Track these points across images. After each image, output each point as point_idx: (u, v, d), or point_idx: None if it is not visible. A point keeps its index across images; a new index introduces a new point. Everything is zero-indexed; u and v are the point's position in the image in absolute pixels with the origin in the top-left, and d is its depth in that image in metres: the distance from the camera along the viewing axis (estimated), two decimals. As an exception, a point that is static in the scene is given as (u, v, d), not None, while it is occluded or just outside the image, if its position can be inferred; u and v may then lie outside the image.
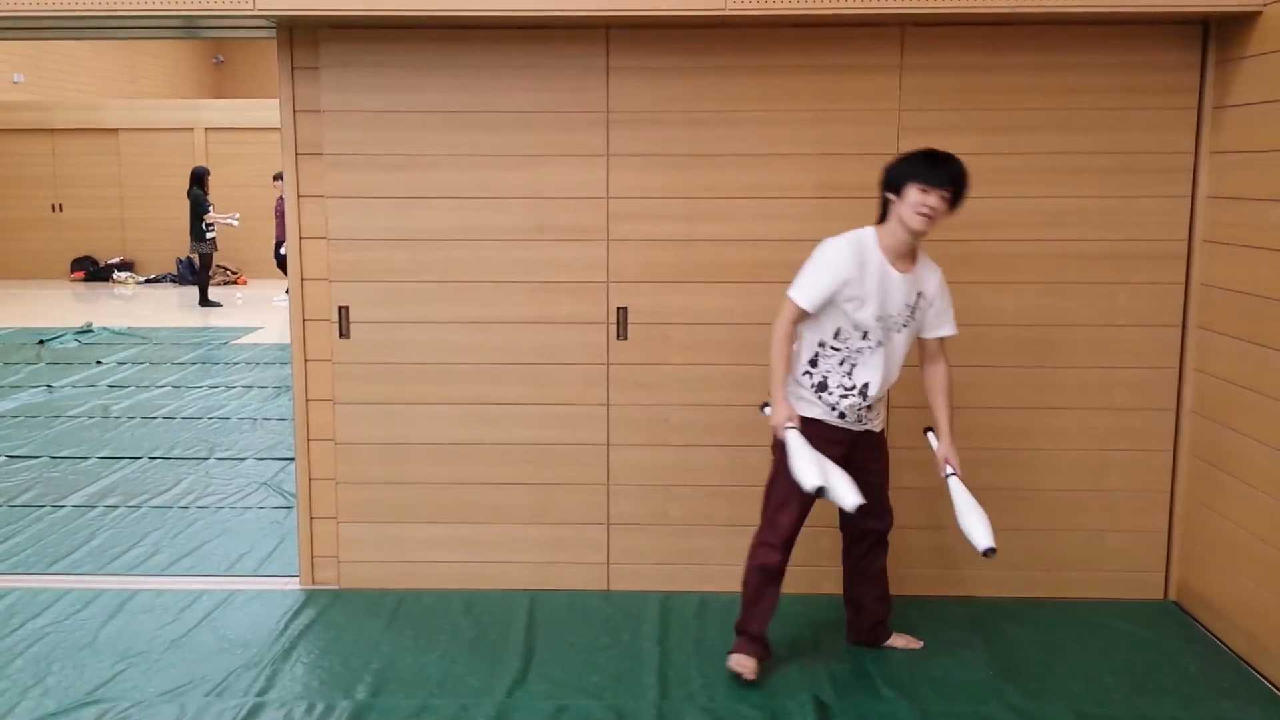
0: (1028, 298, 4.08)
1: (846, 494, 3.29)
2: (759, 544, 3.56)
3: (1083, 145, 3.98)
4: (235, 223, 14.43)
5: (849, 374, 3.41)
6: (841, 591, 3.84)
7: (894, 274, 3.35)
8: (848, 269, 3.31)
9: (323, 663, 3.72)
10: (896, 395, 4.12)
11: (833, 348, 3.42)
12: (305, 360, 4.21)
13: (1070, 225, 4.03)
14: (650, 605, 4.15)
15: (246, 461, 6.45)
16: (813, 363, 3.45)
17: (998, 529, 4.18)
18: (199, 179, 14.11)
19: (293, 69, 4.04)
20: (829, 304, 3.37)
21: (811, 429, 3.43)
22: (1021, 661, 3.72)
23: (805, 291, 3.38)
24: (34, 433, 7.21)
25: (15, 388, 8.73)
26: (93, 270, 16.75)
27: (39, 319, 12.62)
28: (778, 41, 3.96)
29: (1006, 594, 4.22)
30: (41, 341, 10.94)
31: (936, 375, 3.55)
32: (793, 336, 3.44)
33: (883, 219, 3.37)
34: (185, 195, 14.14)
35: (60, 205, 16.92)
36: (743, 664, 3.55)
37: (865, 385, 3.42)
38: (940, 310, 3.48)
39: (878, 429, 3.59)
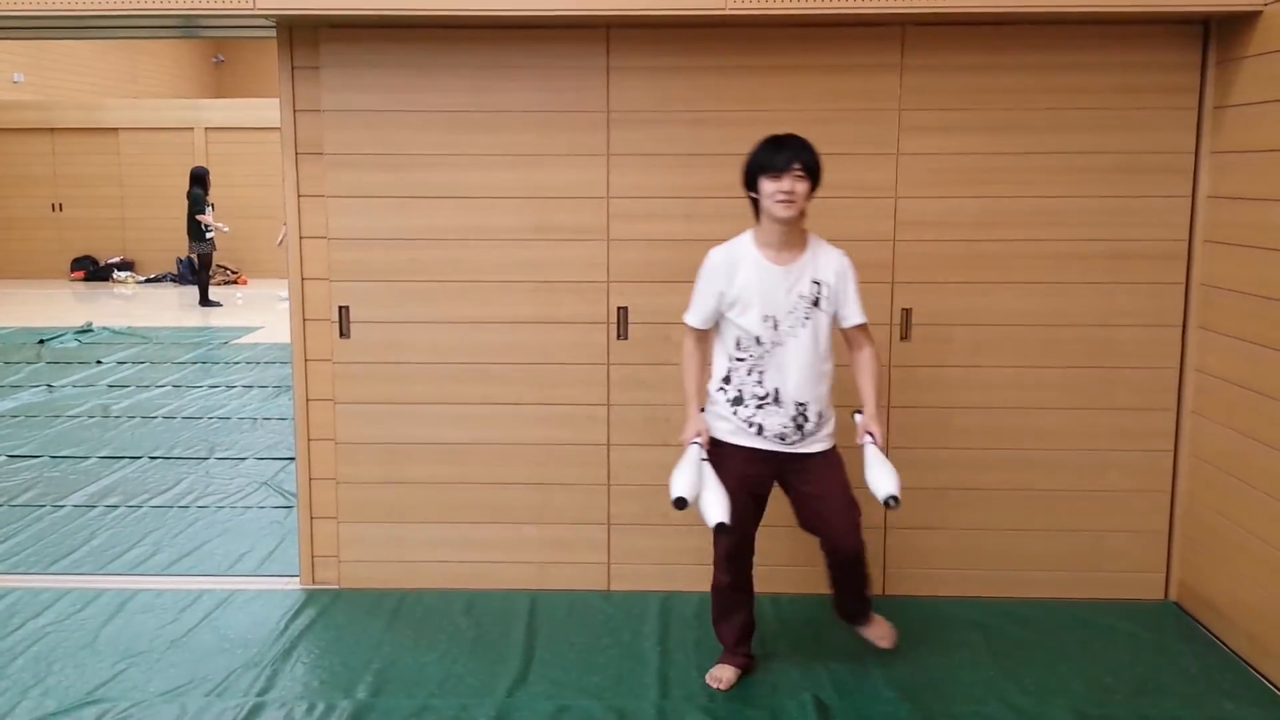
0: (1028, 297, 4.07)
1: (710, 510, 3.16)
2: (713, 565, 3.54)
3: (1083, 145, 3.98)
4: (225, 229, 14.44)
5: (759, 382, 3.30)
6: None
7: (773, 268, 3.26)
8: (719, 279, 3.29)
9: (323, 662, 3.72)
10: (895, 395, 4.13)
11: (738, 359, 3.32)
12: (305, 360, 4.21)
13: (1071, 225, 4.03)
14: (651, 605, 4.15)
15: (247, 461, 6.45)
16: (726, 379, 3.36)
17: (999, 529, 4.21)
18: (199, 179, 14.11)
19: (293, 69, 4.04)
20: (721, 316, 3.33)
21: (729, 452, 3.36)
22: (1022, 662, 3.72)
23: (690, 311, 3.38)
24: (34, 432, 7.22)
25: (15, 387, 8.73)
26: (93, 270, 16.77)
27: (39, 318, 12.62)
28: (778, 41, 3.96)
29: (1007, 594, 4.21)
30: (42, 341, 10.95)
31: (859, 361, 3.43)
32: (698, 355, 3.41)
33: (758, 218, 3.31)
34: (185, 195, 14.14)
35: (60, 205, 16.94)
36: (716, 675, 3.55)
37: (776, 391, 3.30)
38: (844, 298, 3.33)
39: (813, 449, 3.38)
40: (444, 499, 4.27)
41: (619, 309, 4.13)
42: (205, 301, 14.02)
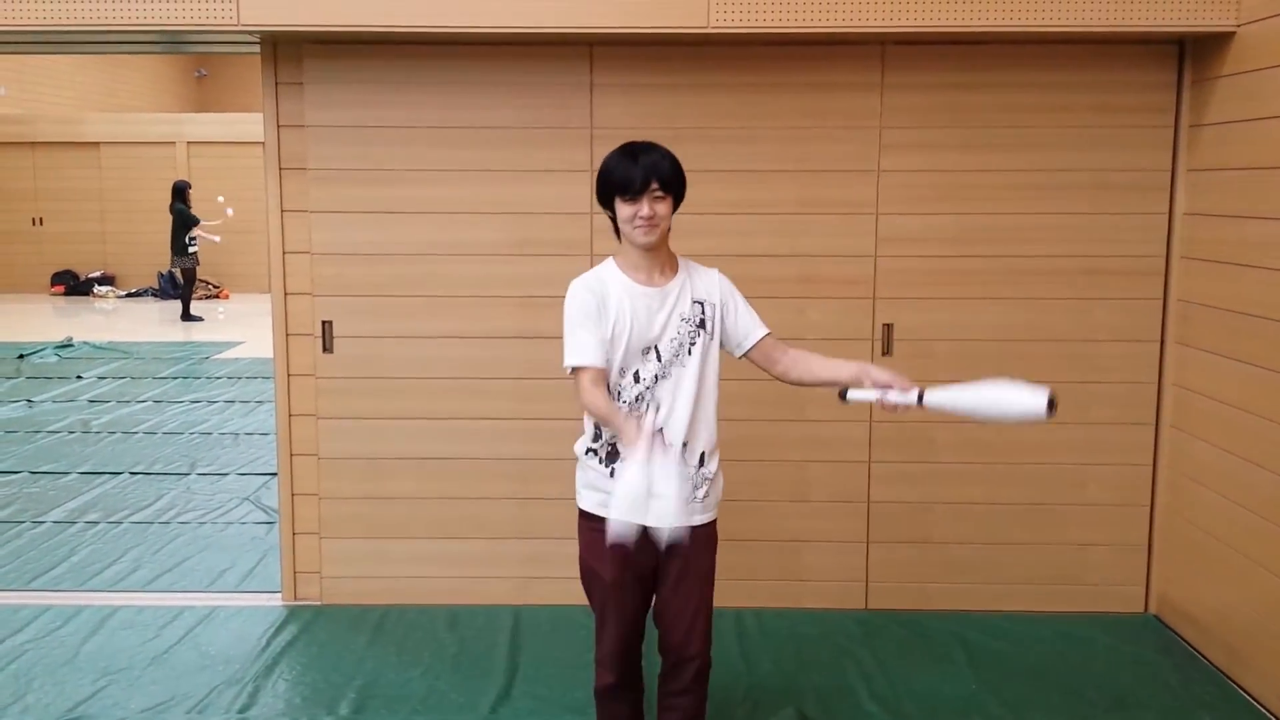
0: (1009, 313, 4.11)
1: (664, 519, 2.48)
2: (595, 660, 2.99)
3: (1062, 163, 4.03)
4: (217, 240, 14.39)
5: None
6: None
7: (648, 290, 2.77)
8: (592, 304, 2.75)
9: (305, 679, 3.70)
10: (877, 410, 4.14)
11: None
12: (288, 375, 4.20)
13: (1050, 241, 4.07)
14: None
15: (228, 477, 6.42)
16: (596, 436, 2.81)
17: (980, 543, 4.23)
18: (180, 193, 14.05)
19: (276, 84, 4.05)
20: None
21: (603, 528, 2.65)
22: (1003, 675, 3.74)
23: (573, 351, 2.75)
24: (14, 448, 7.16)
25: (-6, 402, 8.68)
26: (73, 284, 16.67)
27: (18, 333, 12.54)
28: (759, 59, 3.99)
29: (989, 608, 4.23)
30: (21, 356, 10.87)
31: (798, 358, 2.86)
32: (603, 387, 2.73)
33: (620, 238, 2.82)
34: (166, 209, 14.08)
35: (41, 219, 16.85)
36: None
37: (659, 432, 2.70)
38: (739, 314, 2.84)
39: (700, 520, 2.80)
40: (427, 514, 4.26)
41: (602, 324, 4.13)
42: (187, 316, 13.96)
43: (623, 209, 2.74)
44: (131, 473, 6.50)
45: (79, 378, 9.78)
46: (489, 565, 4.28)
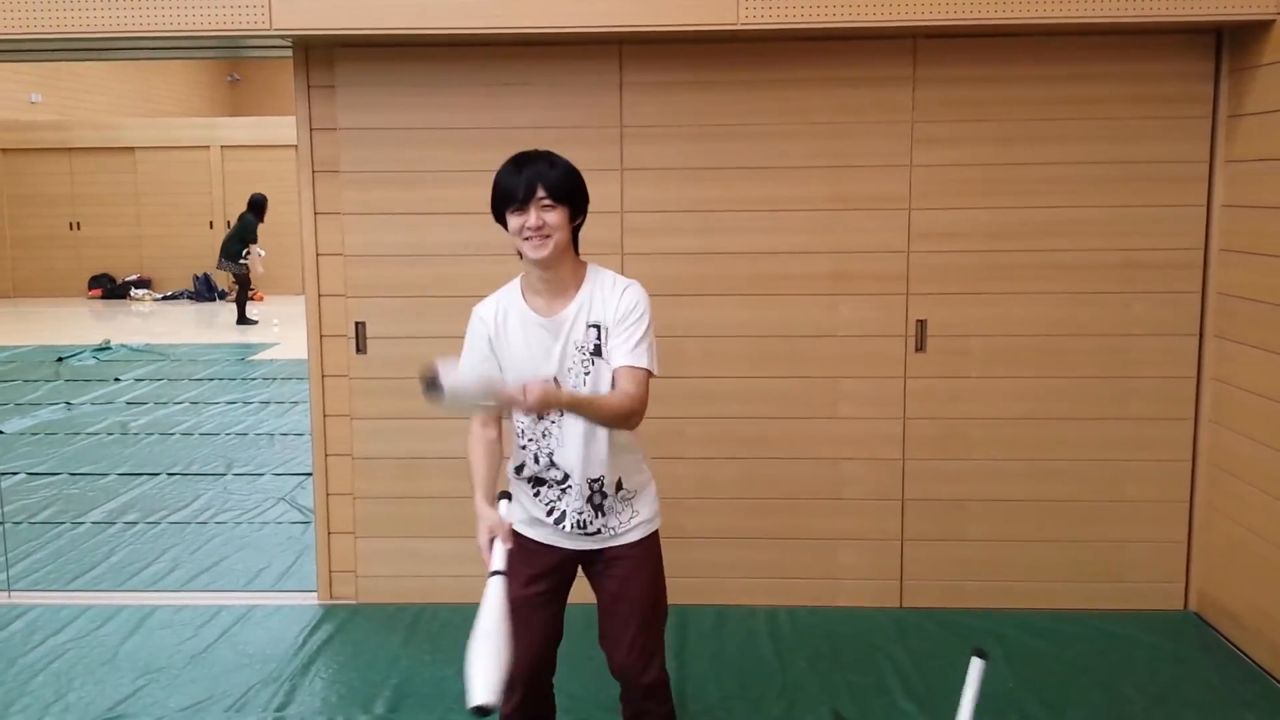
0: (1044, 308, 4.07)
1: (476, 681, 2.24)
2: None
3: (1097, 155, 3.98)
4: (261, 253, 14.34)
5: (551, 464, 2.61)
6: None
7: (541, 322, 2.56)
8: (483, 341, 2.62)
9: (341, 678, 3.73)
10: (911, 407, 4.12)
11: (520, 447, 2.65)
12: (323, 375, 4.23)
13: (1085, 235, 4.02)
14: (669, 618, 4.14)
15: (264, 477, 6.48)
16: (519, 469, 2.70)
17: (1017, 541, 4.19)
18: (257, 207, 13.89)
19: (309, 88, 4.08)
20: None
21: (523, 544, 2.67)
22: (1041, 674, 3.71)
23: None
24: (53, 450, 7.26)
25: (34, 405, 8.80)
26: (110, 287, 16.88)
27: (57, 336, 12.71)
28: (789, 55, 3.98)
29: (1026, 606, 4.19)
30: (60, 359, 11.02)
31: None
32: (484, 437, 2.65)
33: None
34: (200, 212, 14.01)
35: (78, 223, 17.07)
36: None
37: (566, 475, 2.60)
38: (619, 335, 2.56)
39: (623, 540, 2.67)
40: (460, 513, 4.26)
41: (634, 323, 4.13)
42: (243, 320, 13.94)
43: (512, 223, 2.54)
44: (169, 473, 6.58)
45: (117, 380, 9.91)
46: (522, 564, 4.28)
